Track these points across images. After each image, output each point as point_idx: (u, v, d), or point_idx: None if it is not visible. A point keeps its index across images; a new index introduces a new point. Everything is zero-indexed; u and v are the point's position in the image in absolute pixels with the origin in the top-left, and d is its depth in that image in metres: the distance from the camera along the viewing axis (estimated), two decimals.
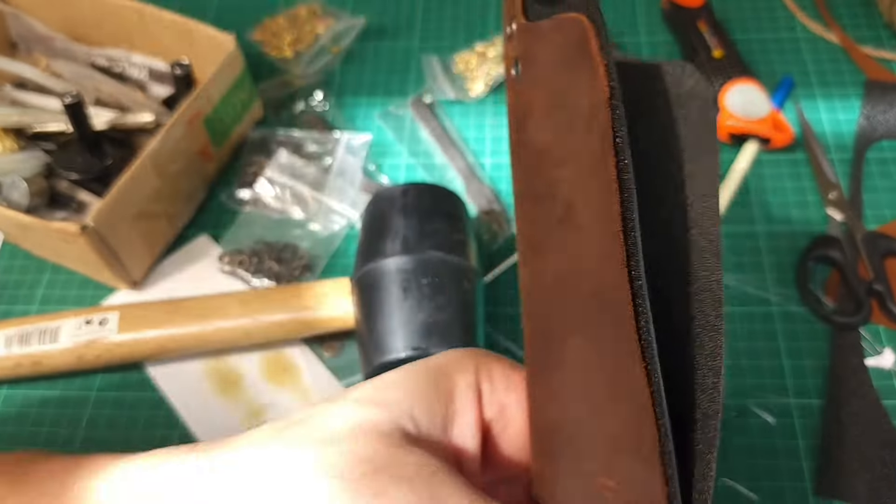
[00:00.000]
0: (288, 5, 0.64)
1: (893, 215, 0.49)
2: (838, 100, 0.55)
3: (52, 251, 0.49)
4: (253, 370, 0.45)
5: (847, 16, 0.60)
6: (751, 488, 0.39)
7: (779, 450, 0.40)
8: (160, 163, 0.47)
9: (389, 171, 0.54)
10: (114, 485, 0.24)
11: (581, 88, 0.18)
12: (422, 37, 0.62)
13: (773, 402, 0.42)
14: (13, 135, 0.52)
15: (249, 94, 0.54)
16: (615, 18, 0.62)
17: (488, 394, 0.23)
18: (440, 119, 0.56)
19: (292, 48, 0.61)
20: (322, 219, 0.51)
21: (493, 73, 0.57)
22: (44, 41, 0.58)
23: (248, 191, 0.52)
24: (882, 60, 0.57)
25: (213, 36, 0.51)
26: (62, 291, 0.50)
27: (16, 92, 0.55)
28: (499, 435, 0.23)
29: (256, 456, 0.21)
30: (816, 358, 0.44)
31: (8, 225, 0.47)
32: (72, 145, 0.51)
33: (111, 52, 0.57)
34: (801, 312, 0.45)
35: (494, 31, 0.61)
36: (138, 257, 0.48)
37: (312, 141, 0.54)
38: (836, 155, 0.52)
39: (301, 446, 0.21)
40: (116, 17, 0.56)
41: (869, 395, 0.42)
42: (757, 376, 0.43)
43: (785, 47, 0.58)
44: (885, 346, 0.43)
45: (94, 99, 0.54)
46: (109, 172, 0.50)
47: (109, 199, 0.44)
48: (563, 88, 0.19)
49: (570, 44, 0.18)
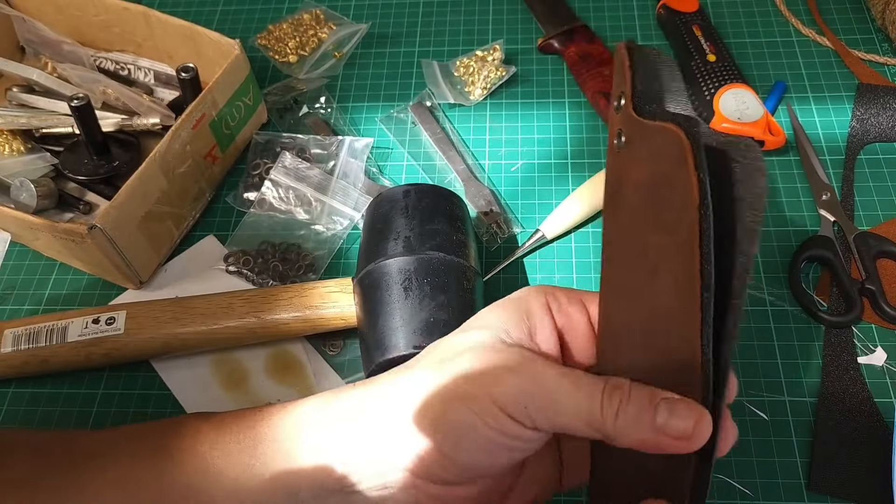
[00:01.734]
0: (292, 11, 0.65)
1: (885, 216, 0.50)
2: (831, 103, 0.56)
3: (60, 252, 0.50)
4: (259, 367, 0.46)
5: (840, 20, 0.61)
6: (745, 485, 0.40)
7: (773, 447, 0.41)
8: (167, 165, 0.47)
9: (391, 174, 0.55)
10: (304, 418, 0.31)
11: (676, 185, 0.22)
12: (422, 42, 0.63)
13: (768, 400, 0.43)
14: (21, 137, 0.53)
15: (254, 98, 0.55)
16: (611, 23, 0.63)
17: (556, 309, 0.31)
18: (440, 122, 0.57)
19: (296, 53, 0.62)
20: (325, 220, 0.51)
21: (491, 77, 0.58)
22: (51, 45, 0.59)
23: (253, 193, 0.53)
24: (874, 64, 0.58)
25: (218, 41, 0.52)
26: (70, 291, 0.50)
27: (24, 95, 0.56)
28: (570, 340, 0.31)
29: (410, 378, 0.30)
30: (809, 356, 0.44)
31: (16, 226, 0.48)
32: (79, 147, 0.52)
33: (118, 56, 0.58)
34: (795, 311, 0.46)
35: (493, 37, 0.62)
36: (145, 258, 0.49)
37: (316, 144, 0.55)
38: (829, 157, 0.53)
39: (438, 366, 0.29)
40: (123, 21, 0.56)
41: (861, 392, 0.42)
42: (751, 374, 0.44)
43: (778, 51, 0.59)
44: (877, 345, 0.44)
45: (101, 102, 0.54)
46: (117, 174, 0.50)
47: (116, 200, 0.44)
48: (659, 176, 0.24)
49: (670, 151, 0.22)
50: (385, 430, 0.29)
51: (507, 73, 0.58)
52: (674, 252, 0.23)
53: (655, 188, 0.24)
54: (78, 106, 0.47)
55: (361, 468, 0.29)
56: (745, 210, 0.22)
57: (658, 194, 0.24)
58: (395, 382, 0.30)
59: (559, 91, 0.58)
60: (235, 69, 0.51)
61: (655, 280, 0.25)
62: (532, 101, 0.58)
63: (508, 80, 0.58)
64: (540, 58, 0.61)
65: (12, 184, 0.49)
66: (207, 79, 0.52)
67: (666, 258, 0.24)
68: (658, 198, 0.24)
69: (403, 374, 0.30)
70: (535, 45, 0.62)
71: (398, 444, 0.29)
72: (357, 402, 0.31)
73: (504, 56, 0.59)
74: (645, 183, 0.25)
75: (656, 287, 0.25)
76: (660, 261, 0.24)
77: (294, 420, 0.31)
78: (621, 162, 0.26)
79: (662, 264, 0.24)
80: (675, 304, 0.24)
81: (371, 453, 0.29)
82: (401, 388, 0.30)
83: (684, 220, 0.22)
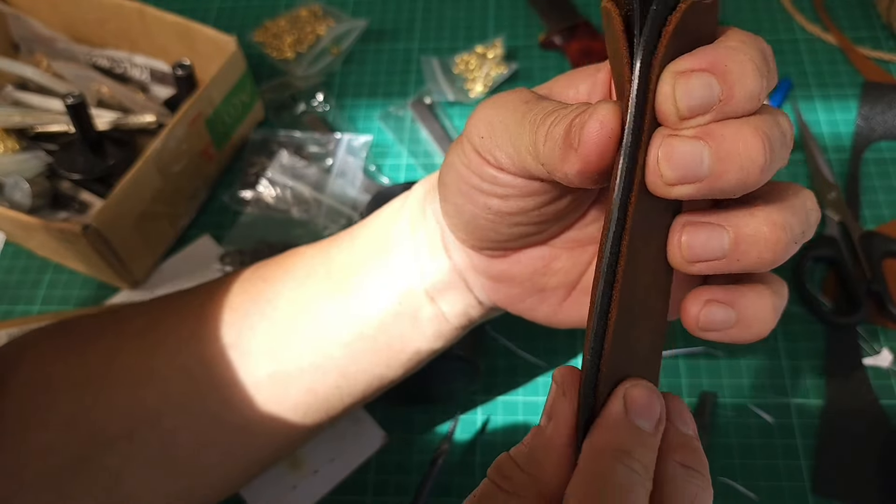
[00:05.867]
0: (289, 7, 0.65)
1: (891, 215, 0.49)
2: (836, 101, 0.55)
3: (54, 251, 0.49)
4: None
5: (845, 17, 0.60)
6: (750, 487, 0.39)
7: (777, 449, 0.41)
8: (162, 163, 0.47)
9: (390, 172, 0.54)
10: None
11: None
12: (422, 38, 0.62)
13: (772, 402, 0.42)
14: (15, 135, 0.52)
15: (251, 95, 0.54)
16: None
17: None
18: (440, 120, 0.56)
19: (293, 50, 0.61)
20: (323, 219, 0.51)
21: (492, 74, 0.57)
22: (45, 42, 0.58)
23: (249, 191, 0.52)
24: (880, 61, 0.57)
25: (214, 37, 0.52)
26: (64, 291, 0.50)
27: (18, 93, 0.55)
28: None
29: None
30: (815, 358, 0.44)
31: (10, 225, 0.48)
32: (74, 146, 0.51)
33: (113, 53, 0.58)
34: (800, 312, 0.45)
35: (494, 34, 0.62)
36: (140, 257, 0.48)
37: (313, 142, 0.54)
38: (834, 156, 0.52)
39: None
40: (118, 18, 0.56)
41: (867, 394, 0.42)
42: (755, 376, 0.43)
43: (783, 48, 0.59)
44: (882, 346, 0.44)
45: (95, 100, 0.54)
46: (111, 173, 0.50)
47: (111, 199, 0.44)
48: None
49: (615, 41, 0.21)
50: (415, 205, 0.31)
51: (509, 69, 0.57)
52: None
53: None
54: (72, 104, 0.47)
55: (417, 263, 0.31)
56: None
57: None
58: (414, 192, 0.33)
59: None
60: (231, 66, 0.50)
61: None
62: None
63: (509, 77, 0.58)
64: (542, 54, 0.60)
65: (6, 183, 0.49)
66: (203, 76, 0.52)
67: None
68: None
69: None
70: (536, 41, 0.61)
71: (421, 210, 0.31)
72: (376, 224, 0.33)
73: (505, 52, 0.59)
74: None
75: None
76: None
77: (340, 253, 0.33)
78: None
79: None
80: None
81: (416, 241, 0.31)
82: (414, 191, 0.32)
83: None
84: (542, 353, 0.45)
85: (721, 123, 0.20)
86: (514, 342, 0.45)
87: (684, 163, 0.19)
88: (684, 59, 0.20)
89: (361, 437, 0.42)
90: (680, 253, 0.22)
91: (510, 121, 0.24)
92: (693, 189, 0.20)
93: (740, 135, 0.19)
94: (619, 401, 0.21)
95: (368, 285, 0.31)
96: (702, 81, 0.19)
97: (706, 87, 0.19)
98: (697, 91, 0.19)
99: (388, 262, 0.31)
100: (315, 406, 0.32)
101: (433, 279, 0.31)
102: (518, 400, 0.43)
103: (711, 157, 0.19)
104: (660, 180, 0.20)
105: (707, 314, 0.23)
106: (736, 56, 0.20)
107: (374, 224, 0.33)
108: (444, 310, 0.31)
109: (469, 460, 0.41)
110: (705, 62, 0.19)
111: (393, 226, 0.32)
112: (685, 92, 0.19)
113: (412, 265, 0.31)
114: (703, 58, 0.19)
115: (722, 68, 0.19)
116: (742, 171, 0.19)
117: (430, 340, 0.32)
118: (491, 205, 0.26)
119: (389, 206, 0.33)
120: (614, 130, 0.20)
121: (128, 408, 0.31)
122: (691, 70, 0.19)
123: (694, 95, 0.19)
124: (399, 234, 0.31)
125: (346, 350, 0.32)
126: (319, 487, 0.40)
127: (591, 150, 0.20)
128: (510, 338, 0.45)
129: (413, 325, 0.31)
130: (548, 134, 0.22)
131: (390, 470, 0.41)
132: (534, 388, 0.44)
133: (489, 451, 0.42)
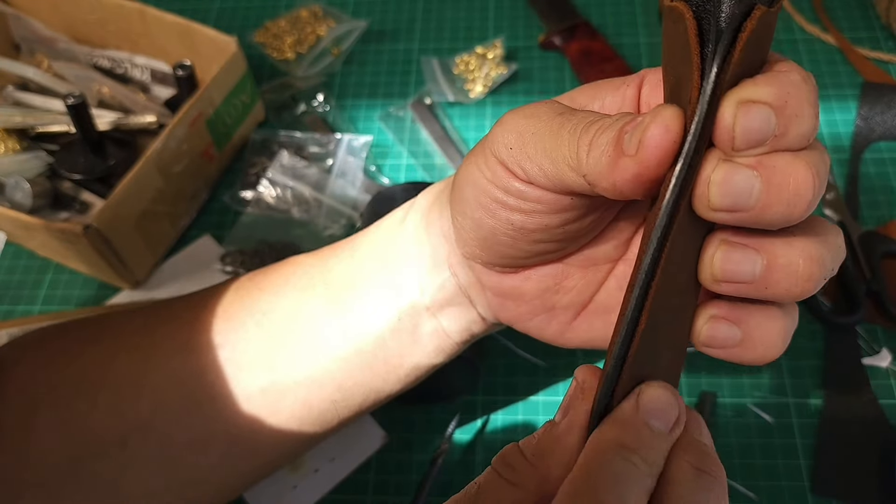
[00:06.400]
0: (289, 8, 0.65)
1: (890, 215, 0.49)
2: (835, 101, 0.55)
3: (55, 251, 0.49)
4: None
5: (844, 18, 0.60)
6: (749, 487, 0.39)
7: (777, 449, 0.41)
8: (163, 164, 0.47)
9: (390, 172, 0.54)
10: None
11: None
12: (422, 39, 0.62)
13: (772, 402, 0.42)
14: (16, 136, 0.52)
15: (251, 95, 0.54)
16: (613, 20, 0.62)
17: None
18: (440, 120, 0.56)
19: (294, 50, 0.61)
20: (323, 219, 0.51)
21: (492, 74, 0.57)
22: (46, 42, 0.58)
23: (250, 192, 0.52)
24: (879, 62, 0.57)
25: (215, 38, 0.52)
26: (65, 291, 0.50)
27: (19, 93, 0.55)
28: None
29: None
30: (814, 357, 0.44)
31: (11, 225, 0.48)
32: (75, 146, 0.51)
33: (113, 54, 0.58)
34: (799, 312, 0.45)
35: (493, 34, 0.62)
36: (141, 257, 0.48)
37: (314, 142, 0.54)
38: (833, 156, 0.52)
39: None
40: (119, 18, 0.56)
41: (866, 394, 0.42)
42: (755, 376, 0.43)
43: (783, 48, 0.59)
44: (882, 346, 0.44)
45: (96, 100, 0.54)
46: (112, 173, 0.50)
47: (112, 199, 0.44)
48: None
49: (685, 44, 0.20)
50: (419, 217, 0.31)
51: (508, 70, 0.57)
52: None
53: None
54: (73, 104, 0.47)
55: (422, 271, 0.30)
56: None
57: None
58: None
59: (561, 88, 0.58)
60: (232, 67, 0.51)
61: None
62: (533, 99, 0.57)
63: (509, 77, 0.58)
64: (541, 55, 0.60)
65: (7, 183, 0.49)
66: (204, 76, 0.52)
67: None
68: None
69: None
70: (536, 41, 0.61)
71: (431, 222, 0.30)
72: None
73: (505, 53, 0.59)
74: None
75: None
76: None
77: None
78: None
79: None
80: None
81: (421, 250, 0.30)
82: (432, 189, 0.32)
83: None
84: (542, 353, 0.45)
85: (774, 155, 0.19)
86: (514, 342, 0.45)
87: (736, 192, 0.19)
88: (749, 86, 0.19)
89: (362, 437, 0.42)
90: (710, 269, 0.21)
91: (544, 131, 0.23)
92: (735, 218, 0.20)
93: (791, 169, 0.19)
94: (633, 399, 0.21)
95: (368, 301, 0.31)
96: (762, 116, 0.19)
97: (765, 122, 0.19)
98: (756, 124, 0.19)
99: (390, 278, 0.31)
100: (310, 419, 0.32)
101: (435, 296, 0.30)
102: (518, 400, 0.43)
103: (761, 190, 0.19)
104: (706, 202, 0.20)
105: (710, 329, 0.23)
106: (797, 93, 0.19)
107: (375, 236, 0.32)
108: (446, 326, 0.31)
109: (469, 460, 0.41)
110: (769, 96, 0.19)
111: (395, 239, 0.31)
112: (745, 125, 0.19)
113: (413, 282, 0.30)
114: (767, 90, 0.19)
115: (782, 104, 0.19)
116: (789, 206, 0.19)
117: (430, 356, 0.31)
118: (514, 220, 0.25)
119: (392, 218, 0.32)
120: (678, 136, 0.19)
121: (122, 415, 0.30)
122: (753, 102, 0.19)
123: (752, 129, 0.19)
124: (401, 249, 0.31)
125: (342, 364, 0.31)
126: (320, 487, 0.40)
127: (652, 154, 0.19)
128: (510, 338, 0.45)
129: (413, 340, 0.31)
130: (592, 143, 0.21)
131: (390, 469, 0.41)
132: (534, 388, 0.44)
133: (489, 450, 0.42)
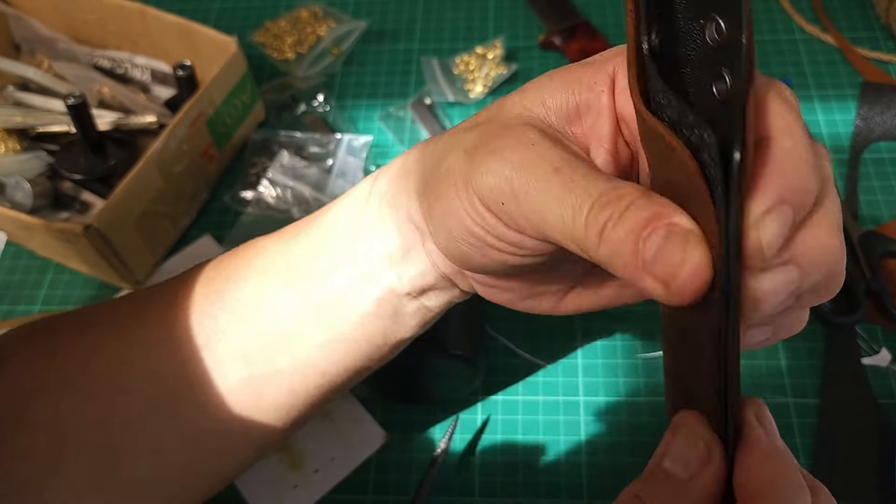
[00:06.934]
0: (289, 8, 0.65)
1: (890, 215, 0.49)
2: (835, 101, 0.55)
3: (55, 251, 0.49)
4: None
5: (844, 18, 0.60)
6: None
7: None
8: (163, 164, 0.47)
9: None
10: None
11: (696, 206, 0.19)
12: (422, 39, 0.62)
13: (771, 402, 0.42)
14: (16, 136, 0.53)
15: (251, 95, 0.54)
16: (613, 20, 0.62)
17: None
18: (440, 120, 0.56)
19: (294, 50, 0.61)
20: None
21: (492, 74, 0.57)
22: (47, 43, 0.58)
23: (250, 192, 0.52)
24: (878, 62, 0.57)
25: (215, 38, 0.52)
26: (65, 291, 0.50)
27: (19, 93, 0.55)
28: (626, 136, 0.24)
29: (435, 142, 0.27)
30: (814, 357, 0.44)
31: (12, 225, 0.48)
32: (75, 146, 0.51)
33: (114, 54, 0.58)
34: None
35: (493, 34, 0.62)
36: (141, 257, 0.48)
37: (314, 142, 0.54)
38: (833, 156, 0.52)
39: (462, 130, 0.25)
40: (119, 19, 0.56)
41: (866, 393, 0.42)
42: (755, 376, 0.43)
43: (782, 49, 0.59)
44: (881, 346, 0.44)
45: (97, 100, 0.54)
46: (112, 173, 0.50)
47: (112, 199, 0.44)
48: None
49: (684, 175, 0.19)
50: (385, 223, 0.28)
51: (508, 70, 0.57)
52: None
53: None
54: (74, 104, 0.47)
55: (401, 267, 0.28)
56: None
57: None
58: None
59: None
60: (232, 67, 0.51)
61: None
62: None
63: (509, 77, 0.58)
64: (541, 55, 0.60)
65: (7, 183, 0.49)
66: (204, 76, 0.52)
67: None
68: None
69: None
70: (536, 42, 0.61)
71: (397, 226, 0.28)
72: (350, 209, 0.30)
73: (505, 53, 0.59)
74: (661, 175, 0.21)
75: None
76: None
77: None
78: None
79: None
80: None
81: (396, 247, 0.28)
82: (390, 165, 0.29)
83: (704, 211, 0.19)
84: (542, 353, 0.45)
85: (800, 237, 0.19)
86: (514, 342, 0.45)
87: (783, 291, 0.19)
88: (757, 200, 0.18)
89: (362, 437, 0.42)
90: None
91: (538, 191, 0.21)
92: (784, 304, 0.20)
93: (819, 242, 0.19)
94: (759, 428, 0.22)
95: (343, 291, 0.30)
96: (780, 221, 0.18)
97: (784, 222, 0.18)
98: (780, 230, 0.18)
99: (361, 267, 0.29)
100: (297, 405, 0.31)
101: (415, 283, 0.29)
102: (518, 400, 0.43)
103: (800, 276, 0.19)
104: (761, 315, 0.19)
105: (746, 339, 0.23)
106: (793, 163, 0.18)
107: (338, 220, 0.30)
108: (428, 304, 0.30)
109: (469, 460, 0.42)
110: (775, 196, 0.18)
111: (360, 226, 0.29)
112: (769, 239, 0.18)
113: (388, 271, 0.29)
114: (772, 191, 0.18)
115: (788, 194, 0.18)
116: (828, 277, 0.20)
117: (414, 330, 0.31)
118: (508, 261, 0.24)
119: (350, 199, 0.30)
120: (709, 277, 0.19)
121: (104, 412, 0.30)
122: (767, 212, 0.18)
123: (777, 234, 0.18)
124: (370, 237, 0.29)
125: (320, 351, 0.30)
126: (320, 486, 0.40)
127: (684, 295, 0.19)
128: (510, 338, 0.45)
129: (394, 321, 0.30)
130: (603, 237, 0.20)
131: (390, 469, 0.42)
132: (533, 388, 0.44)
133: (489, 450, 0.42)
